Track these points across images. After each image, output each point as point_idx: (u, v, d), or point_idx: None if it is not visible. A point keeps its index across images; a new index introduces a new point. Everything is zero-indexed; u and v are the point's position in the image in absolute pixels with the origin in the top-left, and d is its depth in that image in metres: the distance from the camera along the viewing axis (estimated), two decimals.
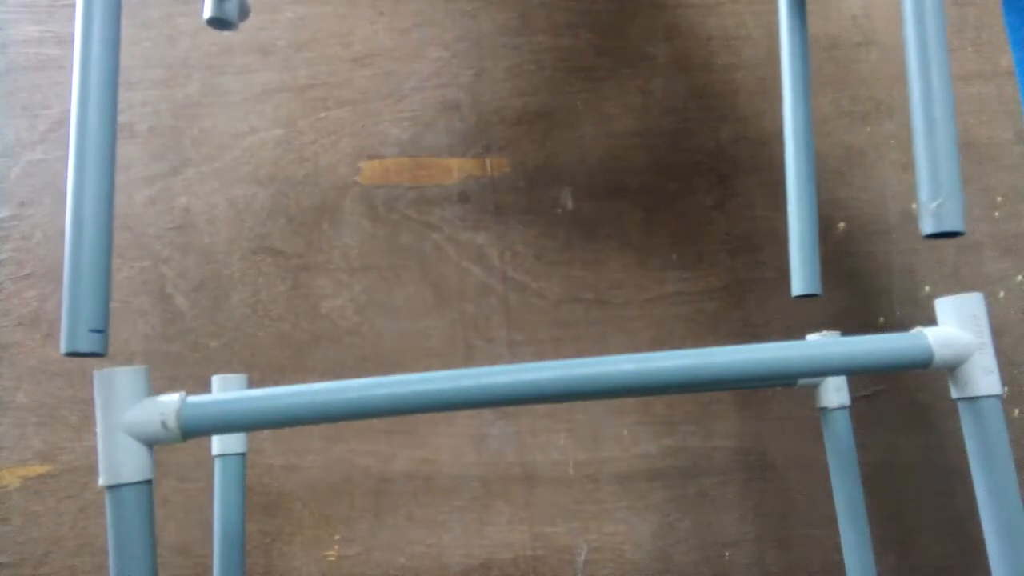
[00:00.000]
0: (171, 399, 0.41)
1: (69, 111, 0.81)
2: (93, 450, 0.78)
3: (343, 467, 0.78)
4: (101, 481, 0.40)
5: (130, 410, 0.41)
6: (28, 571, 0.76)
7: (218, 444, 0.63)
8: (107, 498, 0.40)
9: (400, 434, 0.79)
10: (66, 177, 0.44)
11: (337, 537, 0.78)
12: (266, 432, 0.78)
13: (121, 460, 0.40)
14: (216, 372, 0.75)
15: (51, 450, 0.77)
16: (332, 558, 0.77)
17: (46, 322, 0.79)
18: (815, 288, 0.69)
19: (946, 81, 0.44)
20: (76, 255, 0.43)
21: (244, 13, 0.69)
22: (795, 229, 0.70)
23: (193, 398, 0.42)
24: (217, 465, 0.63)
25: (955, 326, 0.45)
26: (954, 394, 0.45)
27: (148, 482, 0.41)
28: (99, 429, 0.41)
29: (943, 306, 0.46)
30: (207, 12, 0.67)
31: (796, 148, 0.70)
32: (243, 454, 0.63)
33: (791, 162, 0.70)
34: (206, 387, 0.64)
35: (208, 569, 0.76)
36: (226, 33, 0.81)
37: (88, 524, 0.77)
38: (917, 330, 0.45)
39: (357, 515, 0.78)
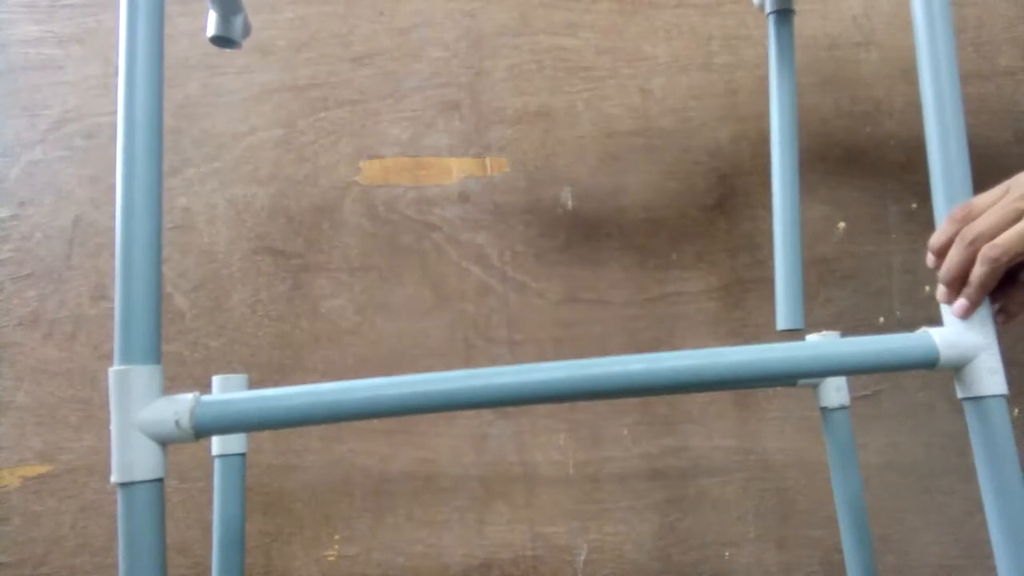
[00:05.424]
0: (185, 399, 0.42)
1: (69, 111, 0.81)
2: (93, 450, 0.78)
3: (343, 467, 0.78)
4: (113, 478, 0.40)
5: (144, 409, 0.41)
6: (28, 571, 0.76)
7: (218, 444, 0.63)
8: (119, 495, 0.40)
9: (400, 434, 0.79)
10: (113, 228, 0.43)
11: (337, 537, 0.78)
12: (266, 432, 0.78)
13: (134, 458, 0.40)
14: (216, 372, 0.75)
15: (51, 450, 0.77)
16: (332, 558, 0.77)
17: (46, 322, 0.79)
18: (799, 323, 0.71)
19: None
20: (127, 289, 0.42)
21: (247, 31, 0.69)
22: (781, 267, 0.71)
23: (207, 398, 0.42)
24: (217, 465, 0.63)
25: (961, 326, 0.45)
26: (960, 394, 0.45)
27: (159, 480, 0.41)
28: (113, 427, 0.41)
29: (949, 307, 0.46)
30: (211, 30, 0.66)
31: (783, 197, 0.71)
32: (243, 454, 0.63)
33: (778, 207, 0.71)
34: (206, 387, 0.64)
35: (208, 569, 0.76)
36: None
37: (88, 524, 0.77)
38: (923, 330, 0.45)
39: (357, 515, 0.78)
